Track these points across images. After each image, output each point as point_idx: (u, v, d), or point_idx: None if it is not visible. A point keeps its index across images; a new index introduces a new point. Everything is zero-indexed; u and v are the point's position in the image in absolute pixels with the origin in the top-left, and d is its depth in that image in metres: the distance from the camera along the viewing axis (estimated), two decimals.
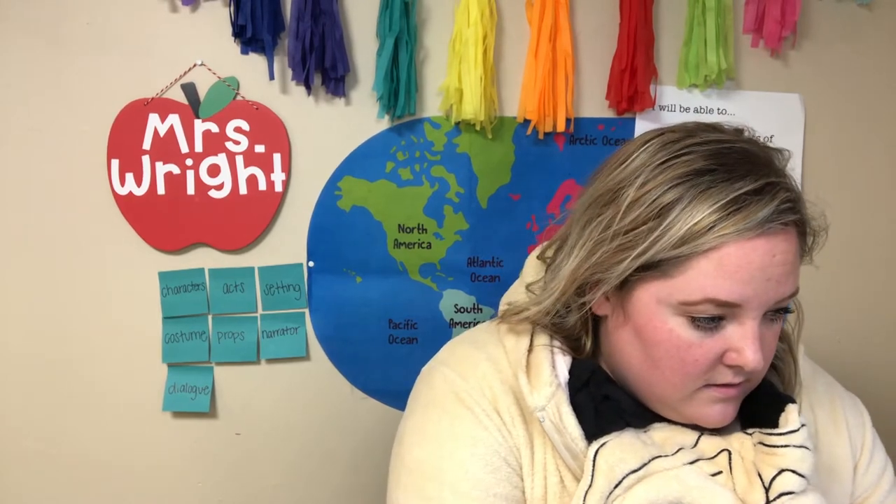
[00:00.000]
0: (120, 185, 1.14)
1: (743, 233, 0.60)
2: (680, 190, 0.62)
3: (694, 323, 0.63)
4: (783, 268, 0.62)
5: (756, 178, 0.61)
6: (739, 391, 0.66)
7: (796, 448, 0.63)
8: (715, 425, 0.67)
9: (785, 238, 0.62)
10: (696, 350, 0.63)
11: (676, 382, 0.65)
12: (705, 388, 0.66)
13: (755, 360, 0.62)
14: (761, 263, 0.61)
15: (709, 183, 0.61)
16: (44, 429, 1.18)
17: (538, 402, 0.68)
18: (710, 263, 0.61)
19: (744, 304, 0.62)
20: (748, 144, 0.65)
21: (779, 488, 0.62)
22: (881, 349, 1.32)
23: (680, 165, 0.63)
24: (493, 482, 0.68)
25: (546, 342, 0.72)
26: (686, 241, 0.61)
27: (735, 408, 0.68)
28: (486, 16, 1.14)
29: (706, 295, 0.61)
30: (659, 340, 0.65)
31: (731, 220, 0.60)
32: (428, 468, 0.70)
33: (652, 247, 0.62)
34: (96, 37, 1.12)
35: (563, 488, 0.69)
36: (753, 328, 0.62)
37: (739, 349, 0.63)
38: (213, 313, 1.19)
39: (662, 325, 0.64)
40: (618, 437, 0.66)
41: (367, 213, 1.20)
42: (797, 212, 0.63)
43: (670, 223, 0.61)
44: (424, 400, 0.75)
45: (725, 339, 0.63)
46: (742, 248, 0.60)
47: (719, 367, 0.64)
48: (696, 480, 0.64)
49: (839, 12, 1.25)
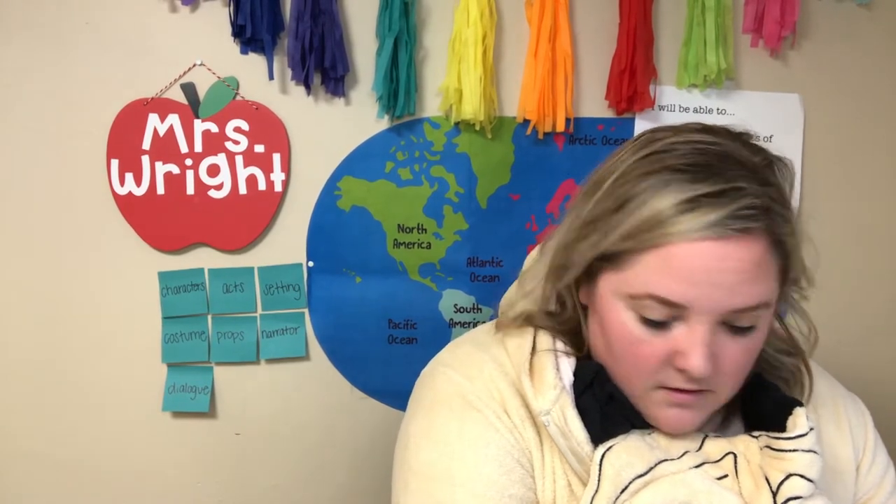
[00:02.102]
0: (119, 184, 1.14)
1: (689, 234, 0.59)
2: (643, 185, 0.62)
3: (643, 319, 0.63)
4: (736, 276, 0.59)
5: (721, 182, 0.60)
6: (697, 399, 0.65)
7: (805, 452, 0.63)
8: (672, 430, 0.67)
9: (741, 245, 0.59)
10: (646, 347, 0.63)
11: (631, 378, 0.66)
12: (659, 388, 0.65)
13: (698, 365, 0.61)
14: (707, 267, 0.59)
15: (670, 181, 0.61)
16: (43, 429, 1.18)
17: (543, 407, 0.67)
18: (656, 260, 0.61)
19: (689, 307, 0.60)
20: (735, 149, 0.63)
21: (787, 493, 0.62)
22: (881, 349, 1.32)
23: (653, 162, 0.63)
24: (508, 483, 0.67)
25: (549, 346, 0.71)
26: (634, 235, 0.61)
27: (697, 416, 0.66)
28: (486, 16, 1.14)
29: (649, 291, 0.61)
30: (614, 333, 0.65)
31: (679, 219, 0.59)
32: (438, 471, 0.68)
33: (604, 238, 0.63)
34: (96, 37, 1.12)
35: (570, 493, 0.68)
36: (701, 333, 0.61)
37: (685, 353, 0.62)
38: (212, 313, 1.19)
39: (617, 317, 0.65)
40: (624, 441, 0.66)
41: (367, 213, 1.20)
42: (760, 220, 0.59)
43: (623, 216, 0.62)
44: (428, 402, 0.73)
45: (673, 340, 0.62)
46: (688, 249, 0.59)
47: (670, 370, 0.64)
48: (702, 484, 0.63)
49: (838, 12, 1.25)
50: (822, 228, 1.27)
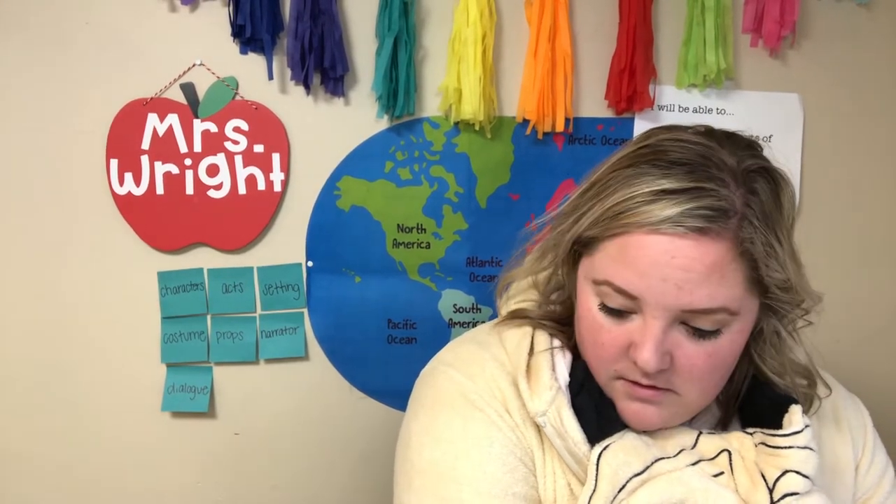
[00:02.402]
0: (119, 184, 1.14)
1: (642, 226, 0.60)
2: (619, 176, 0.64)
3: (604, 307, 0.65)
4: (685, 274, 0.60)
5: (690, 180, 0.60)
6: (657, 396, 0.65)
7: (800, 449, 0.63)
8: (637, 426, 0.67)
9: (695, 245, 0.59)
10: (606, 334, 0.65)
11: (594, 364, 0.68)
12: (619, 379, 0.67)
13: (646, 359, 0.62)
14: (656, 261, 0.60)
15: (644, 174, 0.62)
16: (42, 428, 1.18)
17: (539, 408, 0.68)
18: (614, 248, 0.63)
19: (640, 298, 0.62)
20: (721, 153, 0.63)
21: (783, 489, 0.62)
22: (881, 349, 1.32)
23: (639, 156, 0.64)
24: (511, 481, 0.67)
25: (546, 343, 0.72)
26: (599, 221, 0.63)
27: (661, 414, 0.66)
28: (486, 16, 1.14)
29: (606, 277, 0.64)
30: (582, 317, 0.68)
31: (637, 210, 0.61)
32: (443, 469, 0.68)
33: (578, 223, 0.66)
34: (96, 37, 1.12)
35: (570, 493, 0.69)
36: (654, 328, 0.62)
37: (637, 345, 0.63)
38: (212, 313, 1.19)
39: (585, 302, 0.67)
40: (620, 440, 0.66)
41: (366, 213, 1.20)
42: (714, 221, 0.59)
43: (596, 203, 0.64)
44: (430, 402, 0.73)
45: (629, 331, 0.64)
46: (641, 240, 0.61)
47: (627, 362, 0.65)
48: (699, 482, 0.63)
49: (838, 12, 1.25)
50: (822, 228, 1.27)
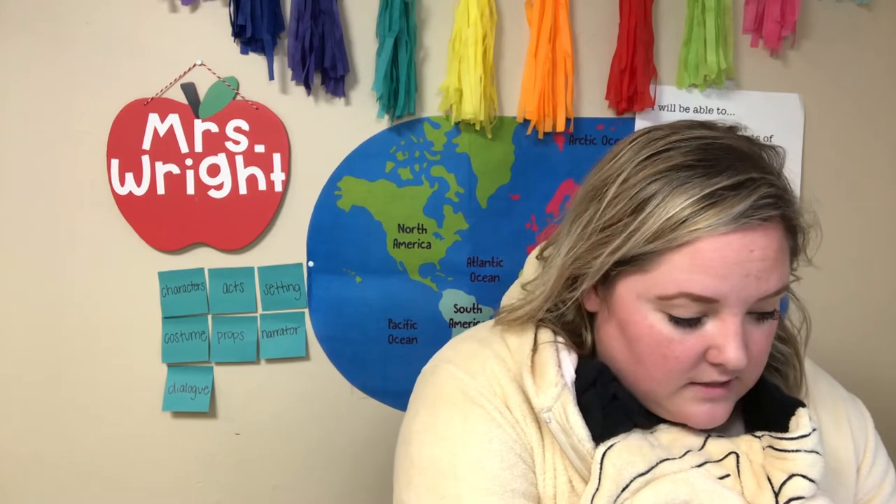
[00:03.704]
0: (120, 184, 1.14)
1: (716, 227, 0.60)
2: (657, 185, 0.62)
3: (673, 319, 0.63)
4: (762, 263, 0.61)
5: (735, 174, 0.61)
6: (728, 391, 0.65)
7: (807, 453, 0.63)
8: (703, 426, 0.67)
9: (764, 233, 0.61)
10: (677, 346, 0.64)
11: (660, 378, 0.66)
12: (690, 386, 0.65)
13: (736, 357, 0.62)
14: (737, 258, 0.60)
15: (686, 178, 0.61)
16: (43, 429, 1.18)
17: (544, 403, 0.67)
18: (684, 258, 0.61)
19: (721, 300, 0.61)
20: (734, 141, 0.65)
21: (789, 493, 0.62)
22: (881, 349, 1.32)
23: (660, 161, 0.63)
24: (510, 478, 0.67)
25: (550, 339, 0.71)
26: (659, 235, 0.61)
27: (726, 408, 0.67)
28: (486, 16, 1.14)
29: (681, 289, 0.62)
30: (640, 336, 0.65)
31: (704, 214, 0.60)
32: (442, 466, 0.68)
33: (627, 242, 0.63)
34: (96, 37, 1.12)
35: (571, 489, 0.69)
36: (735, 325, 0.62)
37: (720, 346, 0.62)
38: (212, 313, 1.19)
39: (643, 320, 0.65)
40: (625, 439, 0.66)
41: (367, 213, 1.20)
42: (778, 207, 0.62)
43: (644, 218, 0.62)
44: (431, 399, 0.73)
45: (706, 336, 0.63)
46: (716, 242, 0.60)
47: (703, 365, 0.64)
48: (704, 484, 0.63)
49: (838, 12, 1.25)
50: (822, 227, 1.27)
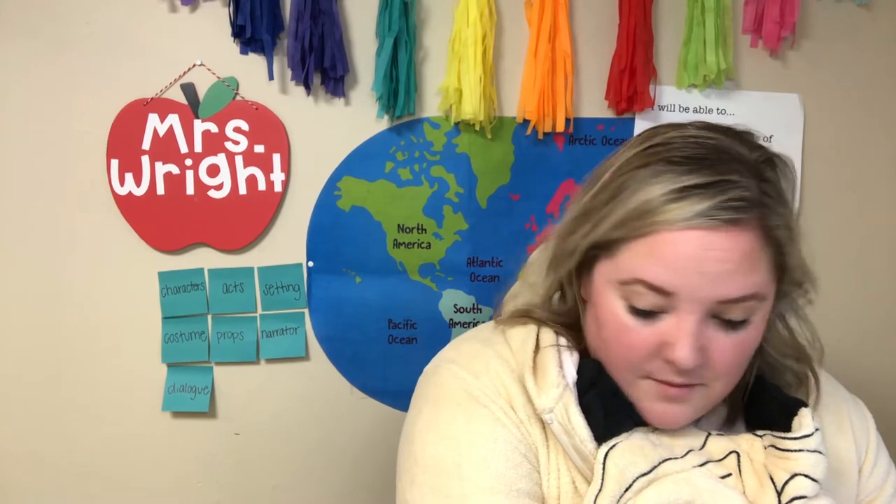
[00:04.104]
0: (119, 185, 1.14)
1: (676, 222, 0.60)
2: (637, 176, 0.63)
3: (632, 308, 0.64)
4: (721, 265, 0.60)
5: (713, 174, 0.61)
6: (687, 394, 0.65)
7: (810, 453, 0.63)
8: (664, 426, 0.67)
9: (730, 236, 0.60)
10: (634, 336, 0.64)
11: (620, 367, 0.67)
12: (647, 379, 0.66)
13: (684, 356, 0.61)
14: (693, 256, 0.60)
15: (663, 172, 0.62)
16: (43, 429, 1.18)
17: (546, 405, 0.67)
18: (644, 247, 0.62)
19: (675, 294, 0.61)
20: (731, 144, 0.64)
21: (791, 492, 0.62)
22: (881, 349, 1.32)
23: (651, 155, 0.64)
24: (515, 477, 0.67)
25: (552, 342, 0.72)
26: (624, 223, 0.63)
27: (687, 412, 0.66)
28: (486, 16, 1.14)
29: (636, 275, 0.63)
30: (605, 320, 0.67)
31: (667, 208, 0.61)
32: (447, 465, 0.68)
33: (598, 226, 0.65)
34: (96, 37, 1.12)
35: (574, 490, 0.69)
36: (689, 323, 0.62)
37: (671, 343, 0.62)
38: (212, 313, 1.19)
39: (608, 305, 0.66)
40: (627, 439, 0.66)
41: (367, 213, 1.20)
42: (748, 212, 0.60)
43: (615, 205, 0.64)
44: (434, 398, 0.73)
45: (662, 331, 0.63)
46: (674, 237, 0.61)
47: (659, 361, 0.64)
48: (706, 483, 0.63)
49: (838, 12, 1.25)
50: (822, 228, 1.27)
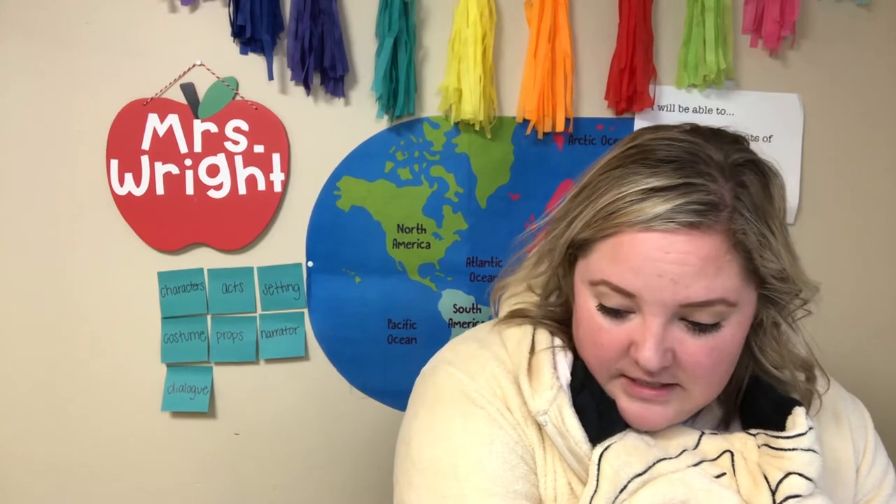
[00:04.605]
0: (119, 185, 1.14)
1: (636, 224, 0.61)
2: (608, 177, 0.65)
3: (602, 308, 0.66)
4: (681, 268, 0.60)
5: (679, 177, 0.61)
6: (661, 395, 0.65)
7: (804, 451, 0.63)
8: (640, 426, 0.67)
9: (688, 239, 0.60)
10: (605, 335, 0.66)
11: (595, 365, 0.68)
12: (620, 377, 0.67)
13: (648, 357, 0.62)
14: (652, 257, 0.61)
15: (630, 174, 0.63)
16: (43, 429, 1.18)
17: (540, 407, 0.68)
18: (608, 248, 0.64)
19: (637, 296, 0.62)
20: (708, 148, 0.63)
21: (786, 491, 0.62)
22: (880, 349, 1.32)
23: (627, 157, 0.65)
24: (512, 479, 0.67)
25: (547, 342, 0.72)
26: (592, 223, 0.64)
27: (665, 413, 0.66)
28: (486, 16, 1.14)
29: (602, 276, 0.64)
30: (581, 319, 0.68)
31: (628, 209, 0.62)
32: (444, 467, 0.68)
33: (572, 226, 0.66)
34: (96, 37, 1.12)
35: (570, 492, 0.69)
36: (654, 325, 0.62)
37: (637, 343, 0.64)
38: (212, 313, 1.19)
39: (584, 304, 0.67)
40: (621, 440, 0.66)
41: (366, 213, 1.20)
42: (707, 216, 0.60)
43: (588, 206, 0.65)
44: (431, 399, 0.73)
45: (629, 331, 0.64)
46: (634, 238, 0.62)
47: (628, 360, 0.65)
48: (701, 483, 0.63)
49: (838, 12, 1.25)
50: (822, 228, 1.27)
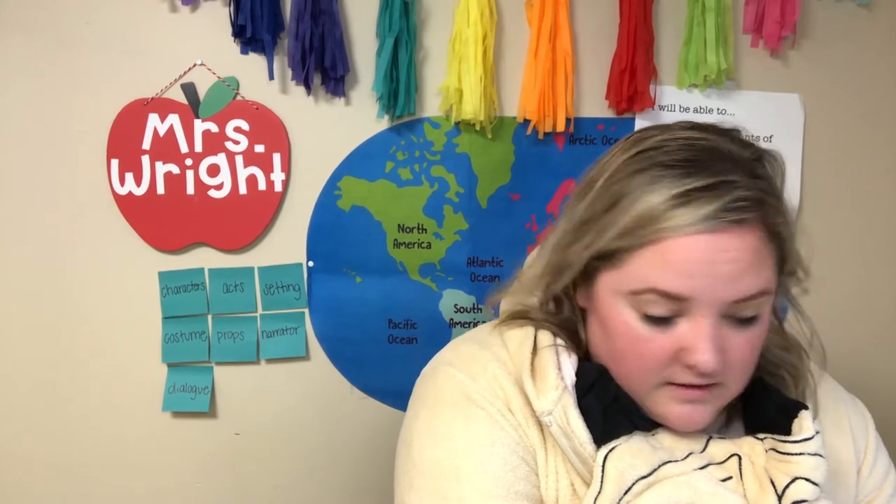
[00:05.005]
0: (120, 184, 1.14)
1: (683, 227, 0.60)
2: (635, 182, 0.63)
3: (645, 317, 0.63)
4: (733, 265, 0.60)
5: (712, 175, 0.61)
6: (707, 394, 0.65)
7: (811, 456, 0.63)
8: (681, 428, 0.66)
9: (737, 236, 0.60)
10: (650, 345, 0.63)
11: (637, 377, 0.66)
12: (667, 385, 0.65)
13: (706, 360, 0.61)
14: (705, 259, 0.60)
15: (661, 177, 0.62)
16: (43, 429, 1.18)
17: (545, 407, 0.67)
18: (654, 255, 0.61)
19: (690, 299, 0.61)
20: (723, 143, 0.64)
21: (792, 496, 0.62)
22: (881, 350, 1.32)
23: (643, 160, 0.64)
24: (513, 480, 0.67)
25: (549, 342, 0.71)
26: (630, 232, 0.62)
27: (706, 412, 0.66)
28: (486, 16, 1.14)
29: (650, 284, 0.62)
30: (617, 332, 0.65)
31: (673, 213, 0.60)
32: (445, 468, 0.68)
33: (601, 237, 0.64)
34: (96, 37, 1.12)
35: (573, 492, 0.68)
36: (706, 326, 0.61)
37: (691, 348, 0.62)
38: (212, 313, 1.19)
39: (618, 316, 0.65)
40: (627, 442, 0.65)
41: (367, 213, 1.20)
42: (754, 211, 0.61)
43: (618, 214, 0.63)
44: (432, 401, 0.73)
45: (678, 336, 0.63)
46: (684, 242, 0.60)
47: (677, 366, 0.64)
48: (707, 486, 0.63)
49: (838, 12, 1.25)
50: (822, 228, 1.27)
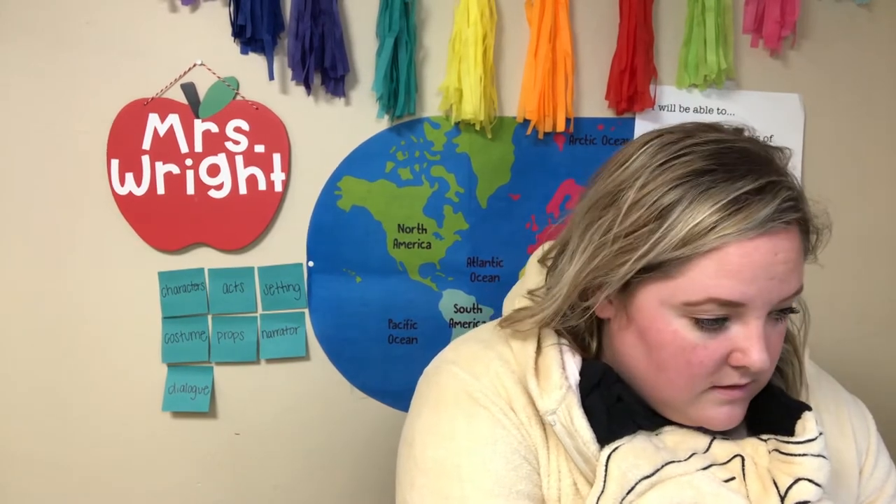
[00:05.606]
0: (120, 185, 1.14)
1: (744, 232, 0.60)
2: (680, 191, 0.62)
3: (698, 324, 0.63)
4: (786, 266, 0.62)
5: (757, 177, 0.61)
6: (746, 392, 0.66)
7: (814, 457, 0.63)
8: (722, 427, 0.67)
9: (787, 236, 0.62)
10: (702, 352, 0.63)
11: (682, 385, 0.65)
12: (711, 389, 0.65)
13: (761, 360, 0.62)
14: (764, 262, 0.61)
15: (709, 183, 0.61)
16: (43, 429, 1.18)
17: (548, 406, 0.67)
18: (711, 263, 0.61)
19: (748, 304, 0.61)
20: (748, 143, 0.65)
21: (795, 497, 0.62)
22: (881, 349, 1.32)
23: (679, 166, 0.63)
24: (515, 479, 0.67)
25: (554, 341, 0.71)
26: (687, 241, 0.61)
27: (742, 410, 0.67)
28: (486, 16, 1.14)
29: (709, 295, 0.61)
30: (664, 343, 0.65)
31: (732, 219, 0.60)
32: (446, 467, 0.68)
33: (653, 248, 0.62)
34: (96, 37, 1.12)
35: (576, 492, 0.68)
36: (758, 328, 0.62)
37: (745, 349, 0.62)
38: (212, 313, 1.19)
39: (666, 326, 0.64)
40: (630, 442, 0.66)
41: (367, 213, 1.20)
42: (799, 210, 0.63)
43: (671, 224, 0.61)
44: (434, 400, 0.73)
45: (730, 339, 0.63)
46: (744, 247, 0.60)
47: (725, 369, 0.64)
48: (710, 486, 0.63)
49: (838, 12, 1.25)
50: None
